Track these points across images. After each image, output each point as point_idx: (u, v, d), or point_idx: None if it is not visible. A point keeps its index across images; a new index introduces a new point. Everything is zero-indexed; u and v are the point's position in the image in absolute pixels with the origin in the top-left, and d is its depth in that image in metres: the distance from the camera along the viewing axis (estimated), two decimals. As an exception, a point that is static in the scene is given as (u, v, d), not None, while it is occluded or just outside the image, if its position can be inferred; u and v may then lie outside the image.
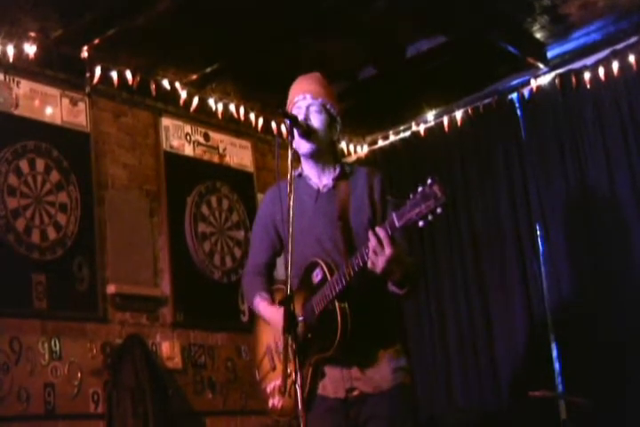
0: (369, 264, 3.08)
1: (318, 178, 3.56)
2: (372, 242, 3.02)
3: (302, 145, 3.46)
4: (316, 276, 3.35)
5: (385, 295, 3.39)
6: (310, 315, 3.32)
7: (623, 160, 5.89)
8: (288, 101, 3.59)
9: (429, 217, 2.82)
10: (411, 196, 2.87)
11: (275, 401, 3.51)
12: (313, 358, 3.31)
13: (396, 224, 2.95)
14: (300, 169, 3.59)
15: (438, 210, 2.79)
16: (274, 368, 3.57)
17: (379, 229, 3.02)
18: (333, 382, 3.36)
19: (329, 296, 3.23)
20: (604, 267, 5.86)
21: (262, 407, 3.65)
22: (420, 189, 2.84)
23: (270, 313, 3.48)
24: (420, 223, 2.86)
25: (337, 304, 3.21)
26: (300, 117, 3.44)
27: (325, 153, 3.55)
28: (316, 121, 3.48)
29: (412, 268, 3.25)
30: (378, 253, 3.02)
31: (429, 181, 2.82)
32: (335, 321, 3.20)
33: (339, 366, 3.35)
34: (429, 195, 2.80)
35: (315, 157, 3.52)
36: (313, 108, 3.50)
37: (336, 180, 3.53)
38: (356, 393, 3.35)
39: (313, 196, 3.53)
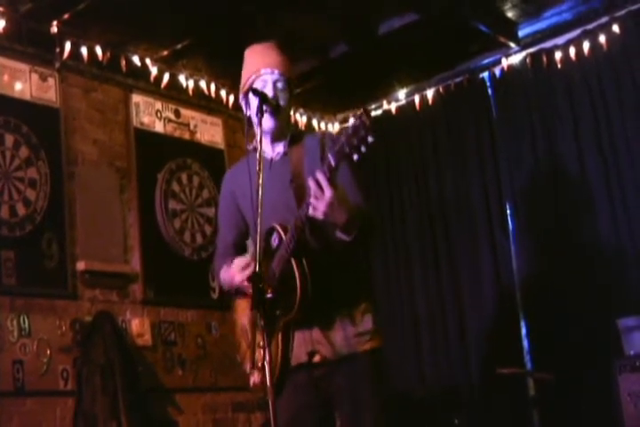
0: (310, 210, 3.00)
1: (272, 149, 3.51)
2: (312, 186, 2.95)
3: (268, 122, 3.39)
4: (274, 240, 3.29)
5: (348, 254, 3.34)
6: (272, 280, 3.23)
7: (592, 139, 5.93)
8: (248, 70, 3.50)
9: (362, 149, 2.74)
10: (343, 132, 2.79)
11: (255, 379, 3.49)
12: (280, 322, 3.25)
13: (332, 163, 2.88)
14: (254, 142, 3.46)
15: (369, 139, 2.71)
16: (249, 347, 3.55)
17: (317, 173, 2.95)
18: (297, 346, 3.32)
19: (284, 256, 3.19)
20: (572, 245, 5.91)
21: (232, 384, 3.65)
22: (350, 122, 2.77)
23: (234, 272, 3.37)
24: (355, 157, 2.77)
25: (293, 262, 3.16)
26: (270, 94, 3.41)
27: (284, 129, 3.51)
28: (283, 100, 3.44)
29: (356, 212, 3.12)
30: (318, 197, 2.95)
31: (359, 112, 2.73)
32: (294, 279, 3.14)
33: (302, 329, 3.30)
34: (359, 126, 2.72)
35: (275, 134, 3.48)
36: (280, 85, 3.43)
37: (288, 146, 3.49)
38: (317, 359, 3.30)
39: (267, 165, 3.44)
